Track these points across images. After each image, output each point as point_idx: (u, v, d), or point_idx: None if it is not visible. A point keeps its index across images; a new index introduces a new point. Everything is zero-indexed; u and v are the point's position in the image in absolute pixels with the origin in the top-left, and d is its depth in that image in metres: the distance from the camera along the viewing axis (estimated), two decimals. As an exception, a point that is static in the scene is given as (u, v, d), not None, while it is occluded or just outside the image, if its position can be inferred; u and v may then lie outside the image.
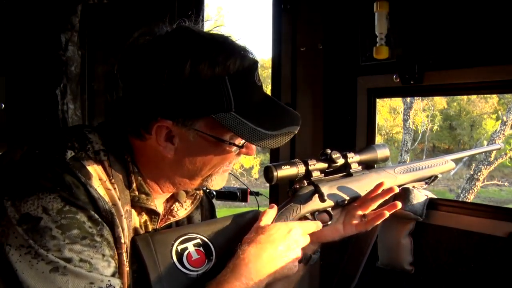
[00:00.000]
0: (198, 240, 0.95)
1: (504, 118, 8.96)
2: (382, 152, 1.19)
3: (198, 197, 1.07)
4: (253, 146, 0.93)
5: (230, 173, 1.01)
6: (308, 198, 1.08)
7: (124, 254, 0.87)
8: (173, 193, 1.03)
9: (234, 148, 0.90)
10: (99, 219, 0.82)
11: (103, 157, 0.88)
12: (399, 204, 1.09)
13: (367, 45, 1.47)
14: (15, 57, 1.96)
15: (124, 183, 0.90)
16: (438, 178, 1.35)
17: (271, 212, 1.03)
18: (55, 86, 2.00)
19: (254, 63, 0.87)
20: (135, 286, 0.91)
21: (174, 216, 1.02)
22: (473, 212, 1.28)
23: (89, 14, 2.03)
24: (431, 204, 1.33)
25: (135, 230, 0.93)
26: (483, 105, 14.39)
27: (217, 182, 0.96)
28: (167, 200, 1.04)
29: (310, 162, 1.08)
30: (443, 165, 1.32)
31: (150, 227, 0.96)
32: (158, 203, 0.98)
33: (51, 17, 1.97)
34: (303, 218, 1.08)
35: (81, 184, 0.81)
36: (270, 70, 1.75)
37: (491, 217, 1.24)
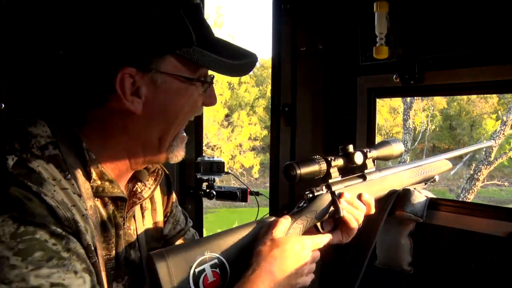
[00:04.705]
0: (216, 261, 0.91)
1: (504, 118, 8.96)
2: (397, 148, 1.20)
3: (160, 172, 0.99)
4: (214, 94, 0.90)
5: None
6: (324, 210, 1.05)
7: (100, 259, 0.79)
8: (134, 174, 0.94)
9: (201, 89, 0.85)
10: (63, 232, 0.71)
11: (52, 151, 0.77)
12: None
13: (367, 45, 1.47)
14: (15, 57, 1.96)
15: (83, 175, 0.80)
16: (437, 181, 1.37)
17: (285, 223, 1.00)
18: (55, 86, 2.00)
19: (198, 2, 0.84)
20: None
21: (139, 199, 0.94)
22: (473, 212, 1.28)
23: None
24: (431, 204, 1.32)
25: (103, 223, 0.85)
26: (483, 105, 14.39)
27: (178, 152, 0.90)
28: (128, 182, 0.94)
29: (331, 160, 1.06)
30: (444, 166, 1.35)
31: (118, 216, 0.88)
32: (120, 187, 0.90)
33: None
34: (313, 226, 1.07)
35: (33, 194, 0.70)
36: (270, 70, 1.75)
37: (491, 217, 1.24)
